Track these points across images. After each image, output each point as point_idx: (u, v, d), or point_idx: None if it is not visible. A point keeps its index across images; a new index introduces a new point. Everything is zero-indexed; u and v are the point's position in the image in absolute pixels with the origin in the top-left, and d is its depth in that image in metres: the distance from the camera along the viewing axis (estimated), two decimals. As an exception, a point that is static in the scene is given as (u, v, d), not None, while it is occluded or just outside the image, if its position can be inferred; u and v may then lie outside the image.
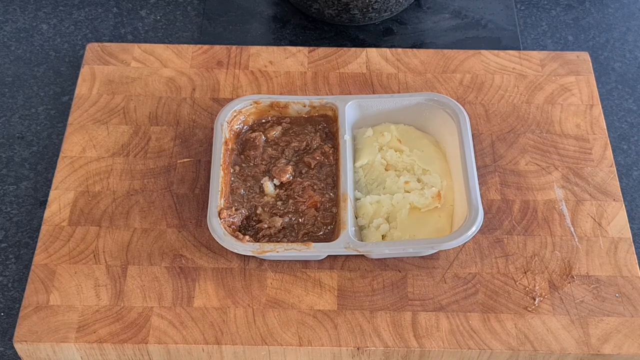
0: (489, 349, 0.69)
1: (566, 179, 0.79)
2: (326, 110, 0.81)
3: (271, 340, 0.69)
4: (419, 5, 1.04)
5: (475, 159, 0.80)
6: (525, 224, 0.76)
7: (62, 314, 0.70)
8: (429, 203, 0.75)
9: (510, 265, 0.74)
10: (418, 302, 0.71)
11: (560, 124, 0.83)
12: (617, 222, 0.76)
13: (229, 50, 0.89)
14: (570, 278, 0.73)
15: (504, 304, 0.71)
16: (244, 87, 0.86)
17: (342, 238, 0.71)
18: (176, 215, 0.76)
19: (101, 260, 0.73)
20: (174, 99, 0.85)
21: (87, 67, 0.87)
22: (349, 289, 0.72)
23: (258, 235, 0.73)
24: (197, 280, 0.72)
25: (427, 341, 0.69)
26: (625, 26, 1.04)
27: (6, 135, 0.91)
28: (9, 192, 0.87)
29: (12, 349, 0.75)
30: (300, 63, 0.88)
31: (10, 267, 0.81)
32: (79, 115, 0.84)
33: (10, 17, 1.03)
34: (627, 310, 0.71)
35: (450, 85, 0.86)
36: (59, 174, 0.79)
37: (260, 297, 0.71)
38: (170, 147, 0.81)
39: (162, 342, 0.69)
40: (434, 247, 0.71)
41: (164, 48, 0.89)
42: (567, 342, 0.69)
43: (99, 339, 0.69)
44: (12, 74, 0.97)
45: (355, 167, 0.78)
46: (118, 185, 0.78)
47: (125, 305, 0.71)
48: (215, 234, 0.71)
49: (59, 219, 0.76)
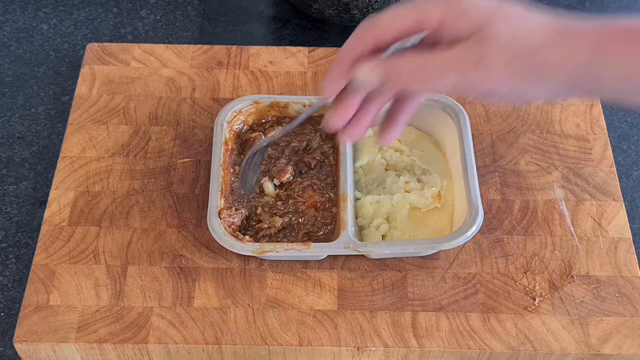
0: (489, 349, 0.69)
1: (566, 179, 0.79)
2: (326, 110, 0.80)
3: (271, 340, 0.69)
4: (419, 5, 1.04)
5: (475, 159, 0.80)
6: (525, 224, 0.76)
7: (62, 314, 0.70)
8: (429, 203, 0.75)
9: (510, 265, 0.74)
10: (418, 302, 0.71)
11: (560, 124, 0.83)
12: (617, 222, 0.76)
13: (229, 50, 0.89)
14: (570, 278, 0.73)
15: (504, 304, 0.71)
16: (244, 87, 0.86)
17: (342, 238, 0.71)
18: (176, 215, 0.76)
19: (101, 260, 0.73)
20: (174, 99, 0.85)
21: (87, 67, 0.87)
22: (349, 289, 0.72)
23: (258, 235, 0.73)
24: (197, 280, 0.72)
25: (427, 341, 0.69)
26: (625, 26, 1.04)
27: (6, 135, 0.91)
28: (9, 192, 0.87)
29: (12, 349, 0.75)
30: (300, 63, 0.88)
31: (10, 267, 0.81)
32: (79, 115, 0.84)
33: (10, 17, 1.03)
34: (627, 310, 0.71)
35: (450, 85, 0.86)
36: (59, 174, 0.79)
37: (260, 297, 0.71)
38: (170, 147, 0.81)
39: (162, 342, 0.69)
40: (434, 247, 0.71)
41: (164, 48, 0.89)
42: (567, 342, 0.69)
43: (99, 339, 0.69)
44: (12, 74, 0.97)
45: (355, 167, 0.78)
46: (118, 185, 0.78)
47: (125, 305, 0.71)
48: (215, 234, 0.71)
49: (59, 219, 0.76)
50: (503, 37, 0.52)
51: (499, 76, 0.53)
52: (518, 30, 0.53)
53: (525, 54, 0.52)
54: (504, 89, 0.54)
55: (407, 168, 0.79)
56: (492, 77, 0.53)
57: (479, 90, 0.54)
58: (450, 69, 0.53)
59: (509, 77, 0.53)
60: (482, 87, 0.54)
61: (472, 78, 0.53)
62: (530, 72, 0.53)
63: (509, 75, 0.53)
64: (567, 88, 0.54)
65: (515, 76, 0.53)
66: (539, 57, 0.52)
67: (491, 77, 0.53)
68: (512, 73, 0.53)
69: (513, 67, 0.52)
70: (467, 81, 0.53)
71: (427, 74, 0.54)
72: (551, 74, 0.53)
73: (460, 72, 0.53)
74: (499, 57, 0.52)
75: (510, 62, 0.52)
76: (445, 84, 0.54)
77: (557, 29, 0.53)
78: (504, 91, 0.54)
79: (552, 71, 0.53)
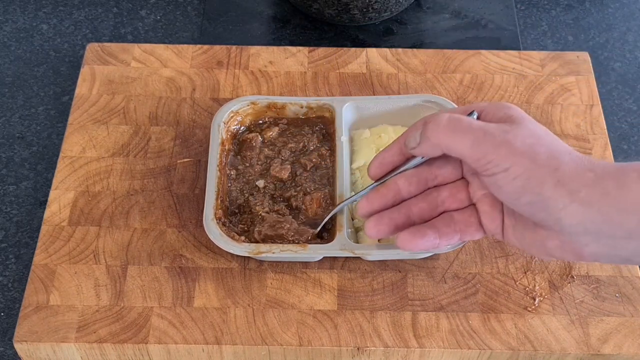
0: (489, 349, 0.69)
1: (566, 179, 0.79)
2: (323, 111, 0.81)
3: (271, 340, 0.69)
4: (419, 5, 1.04)
5: (475, 159, 0.80)
6: (525, 224, 0.76)
7: (62, 314, 0.70)
8: (427, 204, 0.75)
9: (510, 265, 0.74)
10: (418, 302, 0.71)
11: (560, 124, 0.83)
12: (617, 222, 0.76)
13: (229, 50, 0.89)
14: (570, 278, 0.73)
15: (504, 304, 0.71)
16: (244, 87, 0.86)
17: (337, 240, 0.71)
18: (176, 215, 0.76)
19: (101, 260, 0.73)
20: (174, 99, 0.85)
21: (87, 67, 0.87)
22: (349, 289, 0.72)
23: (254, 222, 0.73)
24: (197, 280, 0.72)
25: (427, 341, 0.69)
26: (625, 26, 1.04)
27: (6, 135, 0.91)
28: (9, 192, 0.87)
29: (12, 349, 0.75)
30: (300, 63, 0.88)
31: (10, 267, 0.81)
32: (79, 115, 0.84)
33: (10, 17, 1.03)
34: (627, 310, 0.71)
35: (450, 85, 0.86)
36: (59, 174, 0.79)
37: (260, 297, 0.71)
38: (170, 147, 0.81)
39: (162, 342, 0.69)
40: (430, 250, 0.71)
41: (164, 48, 0.89)
42: (567, 342, 0.69)
43: (99, 339, 0.69)
44: (12, 74, 0.97)
45: (352, 169, 0.78)
46: (118, 185, 0.78)
47: (125, 305, 0.71)
48: (211, 234, 0.71)
49: (59, 219, 0.76)
50: (531, 127, 0.58)
51: (514, 151, 0.56)
52: (543, 131, 0.58)
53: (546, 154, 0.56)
54: (514, 167, 0.56)
55: (405, 169, 0.78)
56: (509, 145, 0.56)
57: (494, 156, 0.56)
58: (478, 128, 0.57)
59: (524, 155, 0.56)
60: (498, 152, 0.56)
61: (491, 143, 0.57)
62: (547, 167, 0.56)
63: (526, 156, 0.56)
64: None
65: (531, 163, 0.55)
66: (556, 161, 0.56)
67: (508, 147, 0.56)
68: (531, 156, 0.56)
69: (532, 151, 0.56)
70: (487, 143, 0.57)
71: (455, 126, 0.58)
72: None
73: (484, 132, 0.57)
74: (522, 139, 0.56)
75: (531, 146, 0.56)
76: (468, 139, 0.57)
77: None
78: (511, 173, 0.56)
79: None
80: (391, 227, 0.64)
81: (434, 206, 0.64)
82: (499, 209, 0.62)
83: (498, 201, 0.61)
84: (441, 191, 0.64)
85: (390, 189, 0.64)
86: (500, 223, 0.62)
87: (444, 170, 0.64)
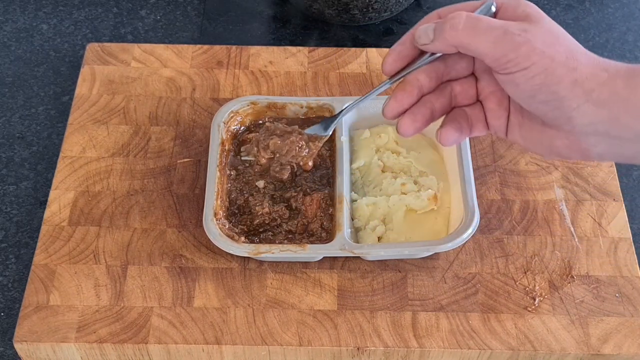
0: (489, 349, 0.69)
1: (566, 179, 0.79)
2: (323, 111, 0.81)
3: (271, 340, 0.69)
4: (419, 5, 1.04)
5: (475, 159, 0.80)
6: (525, 224, 0.76)
7: (62, 314, 0.70)
8: (425, 205, 0.75)
9: (510, 265, 0.74)
10: (418, 302, 0.71)
11: (560, 124, 0.83)
12: (617, 222, 0.76)
13: (229, 50, 0.89)
14: (570, 278, 0.73)
15: (504, 304, 0.71)
16: (244, 87, 0.86)
17: (337, 239, 0.71)
18: (176, 215, 0.76)
19: (101, 260, 0.73)
20: (174, 99, 0.85)
21: (87, 67, 0.87)
22: (349, 289, 0.72)
23: (254, 222, 0.73)
24: (197, 280, 0.72)
25: (427, 341, 0.69)
26: (625, 26, 1.04)
27: (6, 135, 0.91)
28: (9, 192, 0.87)
29: (12, 349, 0.75)
30: (300, 63, 0.88)
31: (10, 267, 0.81)
32: (79, 115, 0.84)
33: (10, 17, 1.03)
34: (627, 310, 0.71)
35: (450, 85, 0.86)
36: (59, 174, 0.79)
37: (260, 297, 0.71)
38: (170, 147, 0.81)
39: (162, 342, 0.69)
40: (430, 249, 0.71)
41: (164, 48, 0.89)
42: (567, 342, 0.69)
43: (99, 339, 0.69)
44: (12, 74, 0.97)
45: (352, 169, 0.78)
46: (118, 185, 0.78)
47: (125, 305, 0.71)
48: (211, 234, 0.71)
49: (59, 219, 0.76)
50: (549, 26, 0.57)
51: (534, 50, 0.55)
52: (561, 32, 0.58)
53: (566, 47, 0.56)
54: (534, 66, 0.56)
55: (403, 170, 0.78)
56: (529, 45, 0.55)
57: (515, 55, 0.56)
58: (498, 27, 0.56)
59: (543, 55, 0.55)
60: (518, 51, 0.56)
61: (511, 42, 0.55)
62: (567, 58, 0.56)
63: (546, 55, 0.55)
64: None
65: (550, 62, 0.55)
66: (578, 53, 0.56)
67: (529, 46, 0.55)
68: (551, 56, 0.55)
69: (552, 50, 0.55)
70: (507, 42, 0.56)
71: (475, 26, 0.56)
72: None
73: (504, 32, 0.56)
74: (542, 38, 0.55)
75: (551, 45, 0.55)
76: (488, 40, 0.56)
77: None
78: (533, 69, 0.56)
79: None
80: (423, 123, 0.63)
81: (450, 101, 0.64)
82: (505, 106, 0.62)
83: (505, 99, 0.61)
84: (454, 86, 0.63)
85: (414, 85, 0.62)
86: (505, 121, 0.62)
87: (458, 66, 0.63)
